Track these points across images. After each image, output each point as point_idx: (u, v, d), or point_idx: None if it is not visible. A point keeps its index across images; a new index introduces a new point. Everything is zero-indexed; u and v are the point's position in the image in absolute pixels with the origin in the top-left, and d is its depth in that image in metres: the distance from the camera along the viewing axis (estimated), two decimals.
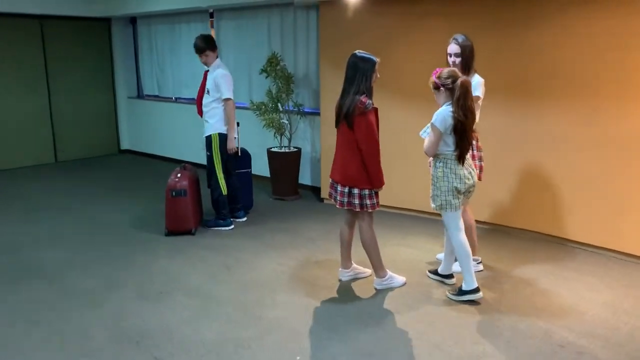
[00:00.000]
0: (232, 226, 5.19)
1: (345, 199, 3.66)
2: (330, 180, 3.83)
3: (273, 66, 6.01)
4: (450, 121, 3.42)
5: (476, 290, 3.62)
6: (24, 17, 7.77)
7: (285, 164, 6.14)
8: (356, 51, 3.62)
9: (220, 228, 5.15)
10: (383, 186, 3.67)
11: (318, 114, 6.36)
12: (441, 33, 4.96)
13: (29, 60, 7.99)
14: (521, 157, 4.75)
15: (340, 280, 3.97)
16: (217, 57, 5.11)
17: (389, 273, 3.84)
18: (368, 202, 3.64)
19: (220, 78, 4.93)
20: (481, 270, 4.11)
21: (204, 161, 7.75)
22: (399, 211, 5.59)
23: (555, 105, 4.51)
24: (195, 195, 5.10)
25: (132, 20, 8.72)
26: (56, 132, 8.40)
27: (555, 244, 4.64)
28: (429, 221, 5.31)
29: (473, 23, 4.74)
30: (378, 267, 3.80)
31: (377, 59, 3.58)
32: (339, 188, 3.68)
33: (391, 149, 5.20)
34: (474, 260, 4.09)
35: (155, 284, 3.97)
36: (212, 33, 7.39)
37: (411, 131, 4.72)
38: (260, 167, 6.90)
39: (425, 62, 5.05)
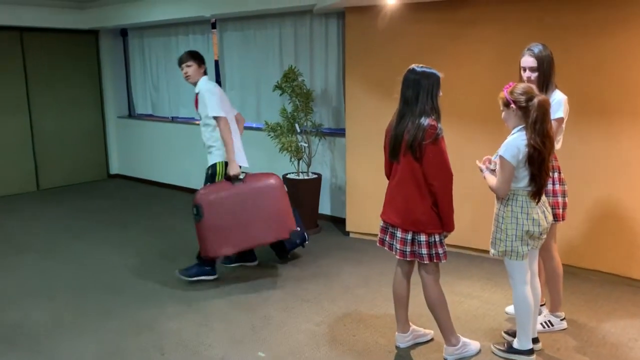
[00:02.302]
0: (216, 275, 4.30)
1: (408, 249, 2.93)
2: (381, 223, 3.09)
3: (289, 82, 5.27)
4: (524, 152, 2.75)
5: (530, 352, 3.01)
6: (2, 29, 6.94)
7: (304, 192, 5.38)
8: (414, 66, 2.93)
9: (204, 277, 4.24)
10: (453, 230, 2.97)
11: (339, 134, 5.63)
12: (492, 44, 4.32)
13: (8, 77, 7.13)
14: (592, 186, 4.05)
15: (397, 348, 3.21)
16: (204, 73, 4.24)
17: (462, 339, 3.09)
18: (440, 250, 2.92)
19: (205, 93, 4.11)
20: (565, 328, 3.38)
21: None
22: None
23: (633, 126, 3.83)
24: None
25: (123, 32, 7.94)
26: (38, 156, 7.53)
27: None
28: (484, 261, 4.57)
29: (532, 31, 4.05)
30: (449, 332, 3.04)
31: (440, 74, 2.89)
32: (399, 234, 2.94)
33: None
34: (556, 316, 3.40)
35: (166, 355, 3.16)
36: (215, 47, 6.65)
37: (458, 157, 4.01)
38: None
39: (473, 78, 4.38)
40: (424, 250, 2.90)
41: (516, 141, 2.80)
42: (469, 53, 4.41)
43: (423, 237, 2.89)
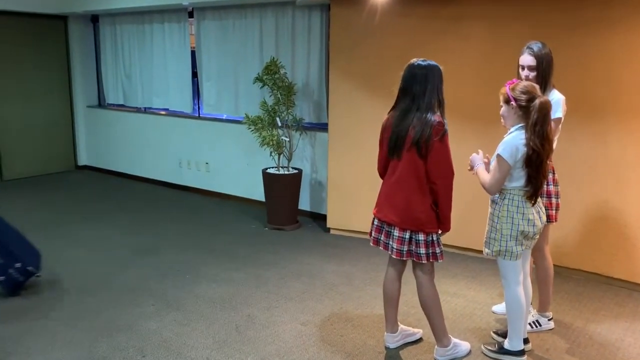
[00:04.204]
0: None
1: (405, 248, 2.85)
2: (376, 221, 3.00)
3: (271, 74, 5.13)
4: (522, 152, 2.72)
5: (521, 353, 2.98)
6: None
7: (284, 188, 5.27)
8: (417, 60, 2.84)
9: None
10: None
11: (320, 129, 5.54)
12: (481, 40, 4.29)
13: None
14: (579, 186, 4.06)
15: (387, 348, 3.14)
16: None
17: (453, 340, 3.04)
18: (437, 250, 2.87)
19: None
20: (552, 328, 3.38)
21: (176, 180, 6.87)
22: None
23: (623, 127, 3.85)
24: None
25: (94, 19, 7.63)
26: (1, 145, 7.18)
27: (623, 289, 3.96)
28: (467, 260, 4.55)
29: (521, 29, 4.04)
30: (442, 333, 2.99)
31: (440, 66, 2.85)
32: (396, 233, 2.86)
33: None
34: (544, 316, 3.39)
35: (147, 357, 3.01)
36: (191, 36, 6.44)
37: None
38: (254, 190, 6.01)
39: (459, 75, 4.33)
40: (422, 250, 2.84)
41: (515, 140, 2.76)
42: (455, 49, 4.37)
43: (421, 236, 2.83)
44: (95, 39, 7.78)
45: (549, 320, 3.38)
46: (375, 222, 2.99)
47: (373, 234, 3.02)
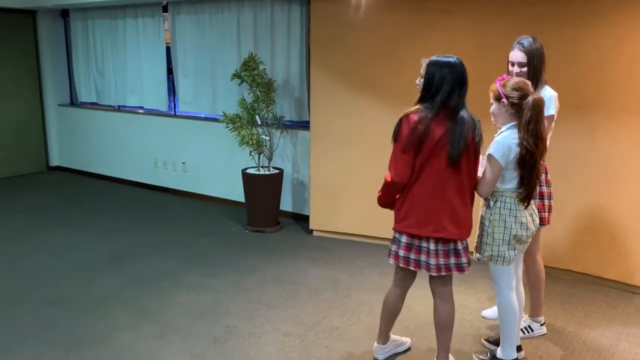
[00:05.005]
0: None
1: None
2: (431, 246, 2.60)
3: (249, 70, 4.93)
4: (515, 152, 2.58)
5: None
6: None
7: (265, 189, 5.08)
8: (444, 58, 2.62)
9: None
10: None
11: (302, 127, 5.35)
12: (469, 35, 4.15)
13: None
14: (569, 185, 3.94)
15: (376, 359, 2.99)
16: None
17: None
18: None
19: None
20: (545, 334, 3.26)
21: (152, 180, 6.64)
22: None
23: (613, 123, 3.75)
24: None
25: (64, 13, 7.33)
26: None
27: (613, 290, 3.86)
28: None
29: (508, 23, 3.90)
30: (448, 352, 2.82)
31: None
32: (460, 246, 2.63)
33: None
34: (536, 321, 3.27)
35: None
36: (166, 33, 6.20)
37: None
38: (233, 191, 5.80)
39: None
40: (464, 259, 2.66)
41: (507, 140, 2.61)
42: (443, 43, 4.19)
43: (467, 243, 2.70)
44: (65, 35, 7.48)
45: (541, 325, 3.26)
46: (430, 247, 2.59)
47: (432, 262, 2.61)
